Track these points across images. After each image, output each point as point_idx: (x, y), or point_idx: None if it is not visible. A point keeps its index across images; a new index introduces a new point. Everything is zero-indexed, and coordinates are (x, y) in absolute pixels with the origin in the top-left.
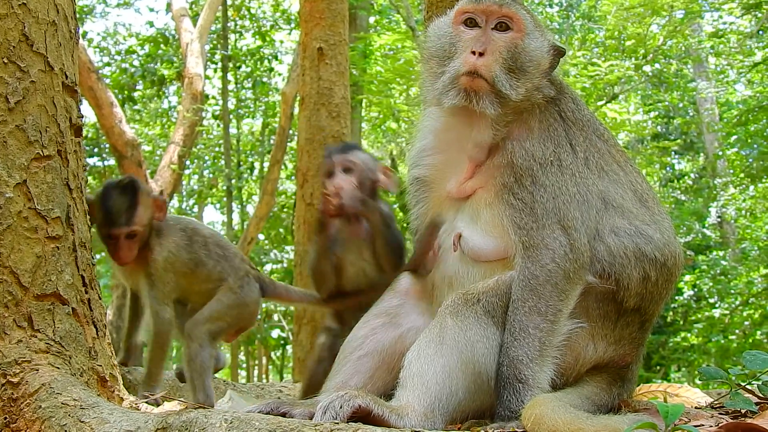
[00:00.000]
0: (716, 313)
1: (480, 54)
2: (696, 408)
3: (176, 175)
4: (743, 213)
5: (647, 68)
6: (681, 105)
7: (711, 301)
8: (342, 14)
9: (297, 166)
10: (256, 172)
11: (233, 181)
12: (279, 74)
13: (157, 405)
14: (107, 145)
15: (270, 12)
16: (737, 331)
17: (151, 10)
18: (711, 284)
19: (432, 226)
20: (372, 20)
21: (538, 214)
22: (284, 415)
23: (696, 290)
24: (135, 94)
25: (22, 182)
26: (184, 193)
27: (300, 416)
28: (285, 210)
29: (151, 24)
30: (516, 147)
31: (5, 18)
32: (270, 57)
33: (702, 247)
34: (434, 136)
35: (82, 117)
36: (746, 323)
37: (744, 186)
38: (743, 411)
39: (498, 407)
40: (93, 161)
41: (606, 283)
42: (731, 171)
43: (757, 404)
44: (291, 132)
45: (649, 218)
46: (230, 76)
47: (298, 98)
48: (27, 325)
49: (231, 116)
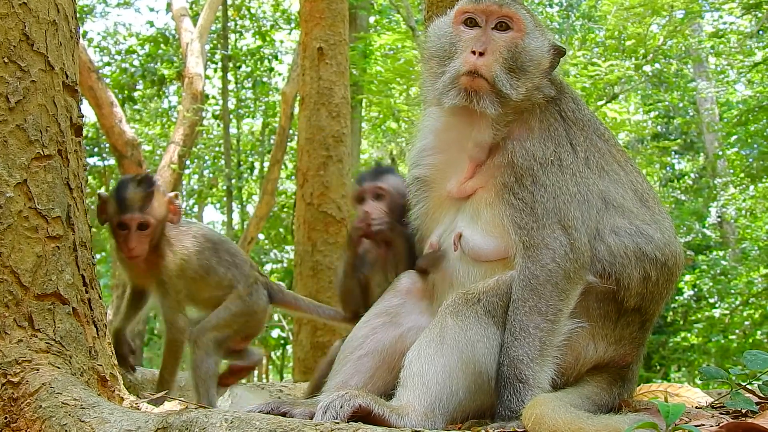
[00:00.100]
0: (716, 313)
1: (480, 54)
2: (696, 408)
3: (176, 175)
4: (743, 213)
5: (647, 68)
6: (681, 105)
7: (711, 301)
8: (342, 14)
9: (297, 166)
10: (256, 172)
11: (233, 181)
12: (279, 74)
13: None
14: (107, 145)
15: (270, 12)
16: (737, 331)
17: (151, 10)
18: (711, 284)
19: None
20: (372, 20)
21: (539, 214)
22: (285, 415)
23: (696, 290)
24: (135, 94)
25: (23, 182)
26: (184, 193)
27: (300, 416)
28: (285, 210)
29: (151, 24)
30: (516, 147)
31: (6, 17)
32: (270, 57)
33: (702, 247)
34: (435, 136)
35: (83, 117)
36: (746, 323)
37: (744, 186)
38: (744, 411)
39: (498, 407)
40: (93, 161)
41: (606, 283)
42: (731, 171)
43: (758, 404)
44: (291, 132)
45: (650, 218)
46: (230, 76)
47: (298, 98)
48: (27, 325)
49: (231, 116)
